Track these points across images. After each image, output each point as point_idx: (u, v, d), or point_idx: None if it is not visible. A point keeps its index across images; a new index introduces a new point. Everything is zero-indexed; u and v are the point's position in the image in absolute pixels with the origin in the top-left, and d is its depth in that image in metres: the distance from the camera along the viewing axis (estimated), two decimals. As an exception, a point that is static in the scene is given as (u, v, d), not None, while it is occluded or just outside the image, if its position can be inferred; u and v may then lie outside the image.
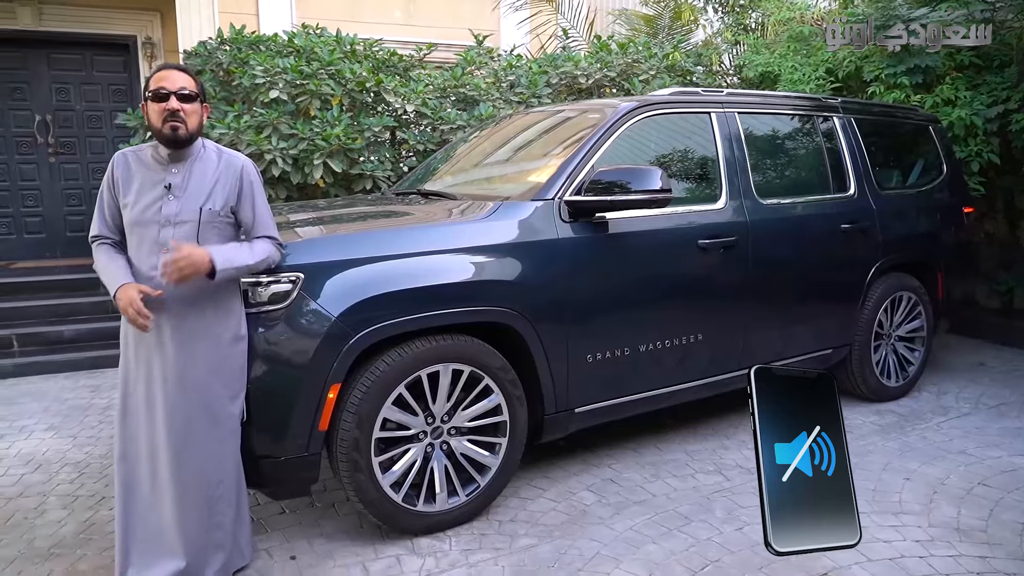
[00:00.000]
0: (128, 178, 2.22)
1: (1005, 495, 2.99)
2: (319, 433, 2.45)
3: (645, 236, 3.10)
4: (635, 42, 5.99)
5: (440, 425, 2.68)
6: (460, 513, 2.73)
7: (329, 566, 2.50)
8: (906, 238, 4.14)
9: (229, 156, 2.30)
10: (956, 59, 5.15)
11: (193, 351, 2.20)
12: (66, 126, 6.87)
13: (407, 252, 2.59)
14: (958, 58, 5.15)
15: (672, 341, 3.19)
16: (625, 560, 2.52)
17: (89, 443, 3.66)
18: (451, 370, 2.62)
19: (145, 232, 2.18)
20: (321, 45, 5.33)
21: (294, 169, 4.90)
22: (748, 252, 3.37)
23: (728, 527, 2.74)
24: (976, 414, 3.96)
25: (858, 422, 3.84)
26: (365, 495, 2.52)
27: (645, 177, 2.81)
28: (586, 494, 3.03)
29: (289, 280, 2.40)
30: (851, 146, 4.00)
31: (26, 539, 2.72)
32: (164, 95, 2.16)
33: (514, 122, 3.94)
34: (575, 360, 2.92)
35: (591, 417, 3.08)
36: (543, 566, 2.49)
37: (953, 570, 2.44)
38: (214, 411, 2.23)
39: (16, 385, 4.70)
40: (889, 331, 4.15)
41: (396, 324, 2.50)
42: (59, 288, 5.73)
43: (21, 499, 3.05)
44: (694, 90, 3.60)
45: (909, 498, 2.98)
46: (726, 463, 3.33)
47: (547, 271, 2.82)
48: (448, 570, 2.47)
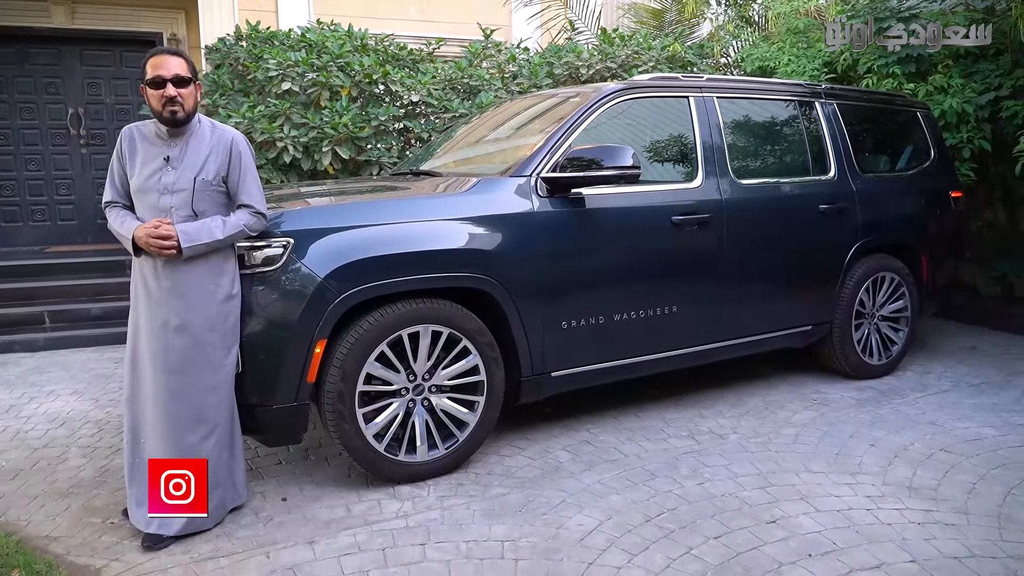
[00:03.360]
0: (133, 151, 2.48)
1: (963, 460, 3.11)
2: (307, 385, 2.69)
3: (620, 211, 3.29)
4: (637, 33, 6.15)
5: (421, 383, 2.90)
6: (440, 465, 2.95)
7: (316, 507, 2.74)
8: (887, 220, 4.26)
9: (221, 131, 2.55)
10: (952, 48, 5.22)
11: (191, 306, 2.44)
12: (97, 119, 7.26)
13: (390, 221, 2.82)
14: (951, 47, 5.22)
15: (646, 312, 3.37)
16: (588, 507, 2.71)
17: (110, 405, 3.96)
18: (431, 331, 2.84)
19: (147, 198, 2.45)
20: (332, 39, 5.59)
21: (305, 156, 5.17)
22: (723, 229, 3.53)
23: (690, 482, 2.92)
24: (955, 391, 4.06)
25: (836, 396, 3.97)
26: (349, 443, 2.76)
27: (617, 155, 3.00)
28: (562, 453, 3.23)
29: (280, 245, 2.64)
30: (833, 129, 4.13)
31: (48, 480, 3.01)
32: (161, 82, 2.41)
33: (507, 107, 4.15)
34: (550, 326, 3.12)
35: (568, 382, 3.28)
36: (511, 510, 2.69)
37: (896, 520, 2.59)
38: (210, 359, 2.47)
39: (47, 357, 5.04)
40: (872, 310, 4.26)
41: (378, 287, 2.73)
42: (89, 270, 6.09)
43: (45, 449, 3.35)
44: (673, 76, 3.78)
45: (869, 461, 3.11)
46: (700, 429, 3.49)
47: (523, 243, 3.02)
48: (424, 511, 2.69)
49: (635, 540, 2.47)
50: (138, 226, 2.39)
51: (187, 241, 2.37)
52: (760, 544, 2.43)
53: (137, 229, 2.38)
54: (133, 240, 2.39)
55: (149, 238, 2.35)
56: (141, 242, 2.37)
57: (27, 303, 5.61)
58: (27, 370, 4.69)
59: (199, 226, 2.42)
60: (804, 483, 2.90)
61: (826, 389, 4.09)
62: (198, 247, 2.39)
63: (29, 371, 4.67)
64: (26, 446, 3.39)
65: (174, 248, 2.36)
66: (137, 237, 2.37)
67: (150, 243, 2.35)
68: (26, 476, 3.06)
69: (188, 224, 2.41)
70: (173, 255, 2.38)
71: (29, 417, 3.79)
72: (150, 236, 2.35)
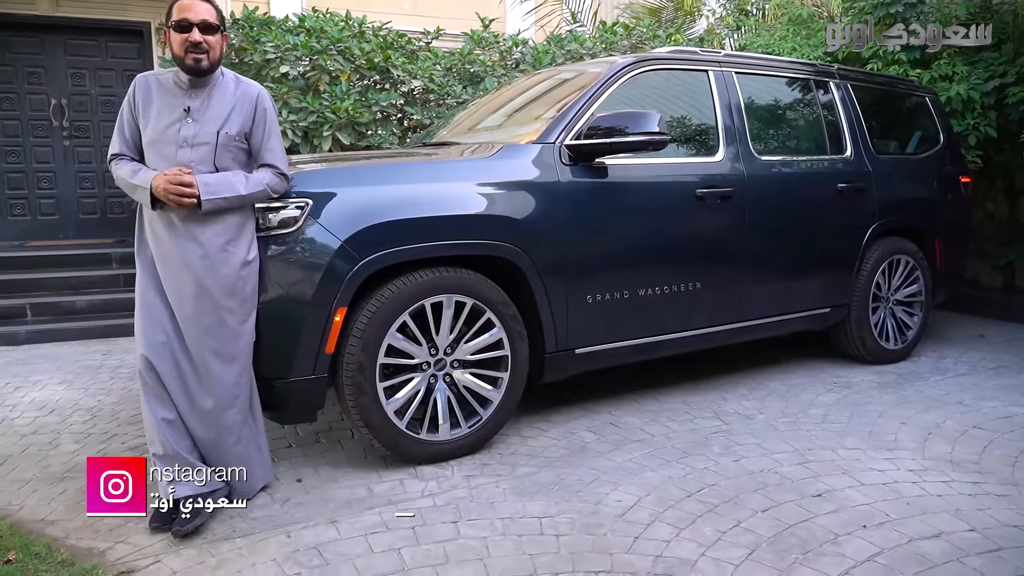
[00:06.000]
0: (148, 100, 2.31)
1: (999, 435, 3.04)
2: (325, 356, 2.52)
3: (644, 182, 3.18)
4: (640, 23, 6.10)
5: (443, 357, 2.75)
6: (462, 444, 2.80)
7: (334, 488, 2.57)
8: (903, 202, 4.21)
9: (246, 84, 2.39)
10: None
11: (210, 269, 2.26)
12: (80, 110, 7.00)
13: (412, 183, 2.68)
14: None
15: (671, 287, 3.26)
16: (623, 484, 2.58)
17: (101, 393, 3.75)
18: (454, 301, 2.70)
19: (163, 151, 2.27)
20: (331, 24, 5.46)
21: (304, 141, 5.01)
22: (744, 204, 3.44)
23: (725, 459, 2.80)
24: (974, 374, 4.00)
25: (856, 380, 3.88)
26: (369, 419, 2.59)
27: (642, 120, 2.89)
28: (586, 434, 3.09)
29: (298, 206, 2.49)
30: (847, 110, 4.08)
31: (41, 466, 2.80)
32: (187, 26, 2.25)
33: (522, 82, 4.04)
34: (575, 300, 2.99)
35: (591, 360, 3.15)
36: (543, 488, 2.55)
37: (945, 492, 2.49)
38: (229, 327, 2.30)
39: (30, 350, 4.79)
40: (887, 294, 4.20)
41: (401, 251, 2.58)
42: (72, 263, 5.83)
43: (35, 436, 3.14)
44: (692, 49, 3.70)
45: (904, 438, 3.02)
46: (724, 411, 3.38)
47: (548, 211, 2.90)
48: (450, 491, 2.53)
49: (679, 515, 2.34)
50: (156, 175, 2.21)
51: (207, 193, 2.20)
52: (811, 516, 2.31)
53: (155, 177, 2.20)
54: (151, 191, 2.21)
55: (169, 184, 2.17)
56: (159, 191, 2.18)
57: (7, 295, 5.35)
58: (9, 362, 4.44)
59: (220, 178, 2.25)
60: (842, 458, 2.79)
61: (845, 373, 4.01)
62: (218, 201, 2.23)
63: (12, 363, 4.42)
64: (14, 432, 3.17)
65: (195, 198, 2.18)
66: (155, 186, 2.19)
67: (169, 190, 2.17)
68: (15, 462, 2.85)
69: (209, 176, 2.25)
70: (192, 205, 2.20)
71: (15, 406, 3.56)
72: (171, 183, 2.16)
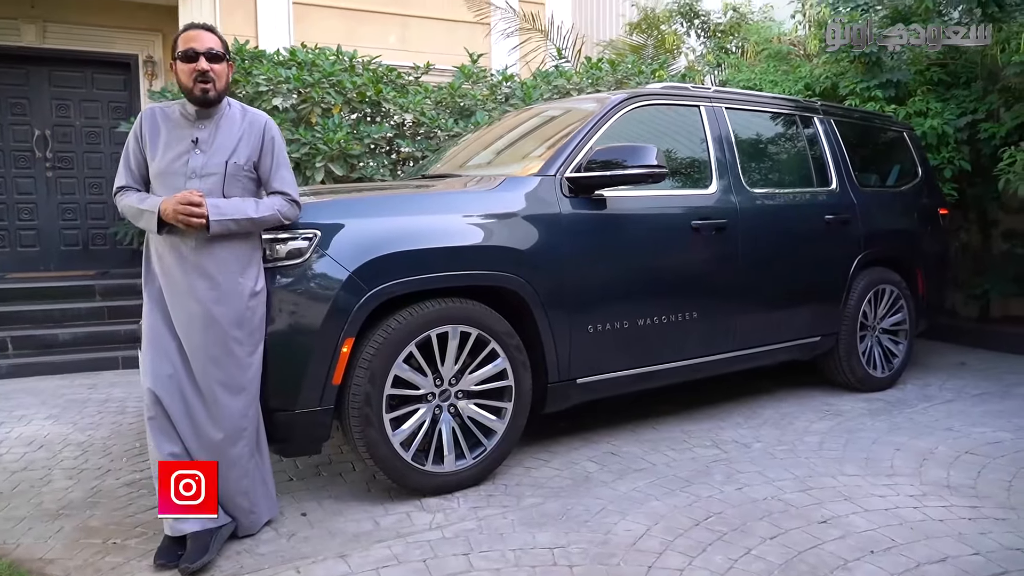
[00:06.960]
0: (155, 132, 2.32)
1: (991, 460, 3.10)
2: (332, 387, 2.51)
3: (642, 214, 3.25)
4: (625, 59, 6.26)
5: (448, 388, 2.75)
6: (467, 475, 2.79)
7: (340, 521, 2.54)
8: (886, 233, 4.34)
9: (253, 114, 2.41)
10: (926, 75, 5.46)
11: (220, 298, 2.25)
12: (64, 141, 6.96)
13: (417, 215, 2.71)
14: (927, 75, 5.46)
15: (669, 317, 3.31)
16: (631, 513, 2.58)
17: (90, 428, 3.67)
18: (459, 332, 2.71)
19: (171, 182, 2.27)
20: (322, 58, 5.52)
21: (296, 173, 5.01)
22: (738, 235, 3.52)
23: (728, 487, 2.82)
24: (960, 401, 4.09)
25: (846, 407, 3.95)
26: (376, 451, 2.58)
27: (640, 154, 2.96)
28: (588, 464, 3.09)
29: (306, 237, 2.50)
30: (832, 144, 4.22)
31: (33, 503, 2.73)
32: (193, 56, 2.28)
33: (514, 117, 4.11)
34: (577, 329, 3.02)
35: (592, 390, 3.17)
36: (551, 519, 2.54)
37: (946, 517, 2.53)
38: (237, 358, 2.28)
39: (11, 384, 4.68)
40: (873, 323, 4.30)
41: (408, 282, 2.60)
42: (54, 295, 5.73)
43: (25, 472, 3.06)
44: (683, 85, 3.81)
45: (900, 464, 3.07)
46: (722, 439, 3.41)
47: (550, 241, 2.94)
48: (458, 523, 2.51)
49: (689, 543, 2.34)
50: (165, 199, 2.21)
51: (217, 215, 2.20)
52: (819, 543, 2.33)
53: (164, 201, 2.19)
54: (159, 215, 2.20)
55: (179, 205, 2.16)
56: (167, 213, 2.18)
57: (-13, 329, 5.24)
58: (-9, 397, 4.34)
59: (231, 202, 2.26)
60: (843, 485, 2.83)
61: (834, 401, 4.07)
62: (227, 223, 2.22)
63: (-7, 398, 4.32)
64: (3, 469, 3.09)
65: (203, 219, 2.18)
66: (164, 209, 2.18)
67: (179, 210, 2.16)
68: (7, 499, 2.77)
69: (219, 199, 2.25)
70: (201, 226, 2.19)
71: (1, 441, 3.47)
72: (179, 203, 2.16)
